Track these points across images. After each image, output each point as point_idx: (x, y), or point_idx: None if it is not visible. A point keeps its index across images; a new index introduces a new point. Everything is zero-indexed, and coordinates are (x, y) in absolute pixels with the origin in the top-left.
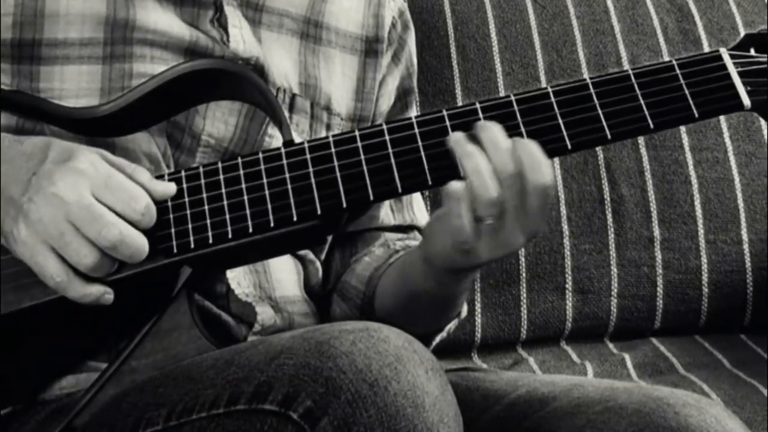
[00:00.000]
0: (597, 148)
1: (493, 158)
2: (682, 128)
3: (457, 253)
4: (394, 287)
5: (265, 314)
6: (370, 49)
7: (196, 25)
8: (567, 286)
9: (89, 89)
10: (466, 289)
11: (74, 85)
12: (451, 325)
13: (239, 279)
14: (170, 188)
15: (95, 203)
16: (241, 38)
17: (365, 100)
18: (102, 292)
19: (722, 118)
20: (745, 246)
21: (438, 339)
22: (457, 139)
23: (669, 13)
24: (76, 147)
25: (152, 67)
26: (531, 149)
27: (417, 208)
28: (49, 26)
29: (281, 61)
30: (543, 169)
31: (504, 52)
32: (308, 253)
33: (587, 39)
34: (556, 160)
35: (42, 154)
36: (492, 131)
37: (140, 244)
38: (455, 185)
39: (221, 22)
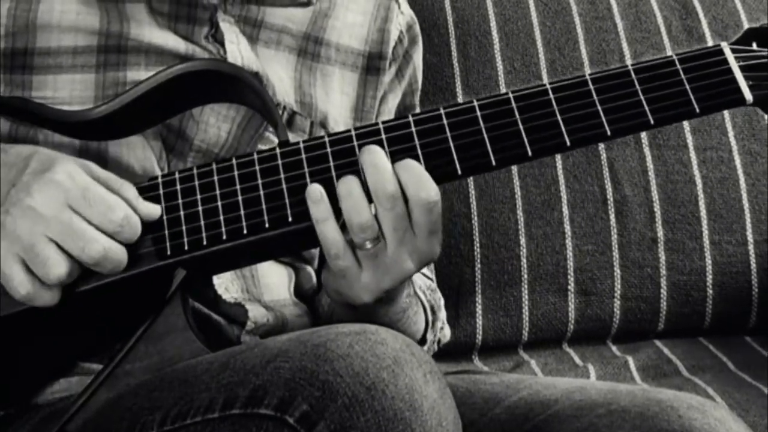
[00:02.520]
0: (600, 148)
1: (371, 179)
2: (686, 128)
3: (337, 274)
4: (336, 314)
5: (256, 311)
6: (371, 66)
7: (192, 40)
8: (569, 287)
9: (82, 97)
10: (399, 320)
11: (67, 94)
12: (441, 337)
13: (226, 285)
14: (154, 211)
15: (75, 218)
16: (239, 53)
17: (364, 119)
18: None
19: (727, 117)
20: (750, 247)
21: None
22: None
23: (673, 10)
24: (57, 157)
25: (147, 74)
26: (412, 166)
27: None
28: (42, 36)
29: (279, 78)
30: (426, 184)
31: (505, 49)
32: (295, 260)
33: (590, 36)
34: (558, 159)
35: (23, 165)
36: (372, 153)
37: (120, 257)
38: (314, 188)
39: (216, 38)
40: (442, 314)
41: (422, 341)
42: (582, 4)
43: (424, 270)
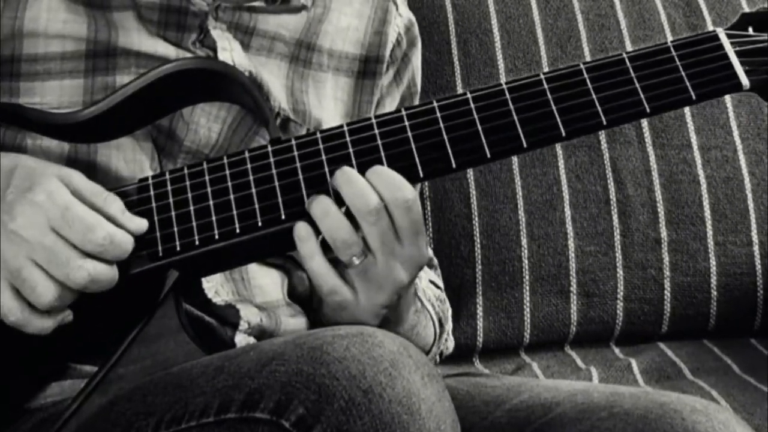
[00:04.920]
0: (602, 147)
1: (350, 198)
2: (690, 126)
3: (335, 308)
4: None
5: (248, 311)
6: (367, 70)
7: (182, 47)
8: (571, 289)
9: (71, 103)
10: (409, 339)
11: (55, 100)
12: (444, 349)
13: (216, 288)
14: (141, 225)
15: (58, 243)
16: (231, 60)
17: None
18: (60, 319)
19: (731, 115)
20: (755, 248)
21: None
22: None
23: (676, 7)
24: (40, 173)
25: None
26: (382, 171)
27: None
28: (29, 43)
29: (273, 85)
30: (400, 184)
31: (506, 47)
32: (286, 262)
33: (592, 34)
34: (560, 158)
35: (5, 181)
36: (345, 173)
37: (109, 277)
38: (301, 226)
39: (204, 44)
40: (449, 326)
41: (426, 354)
42: (584, 1)
43: (435, 279)
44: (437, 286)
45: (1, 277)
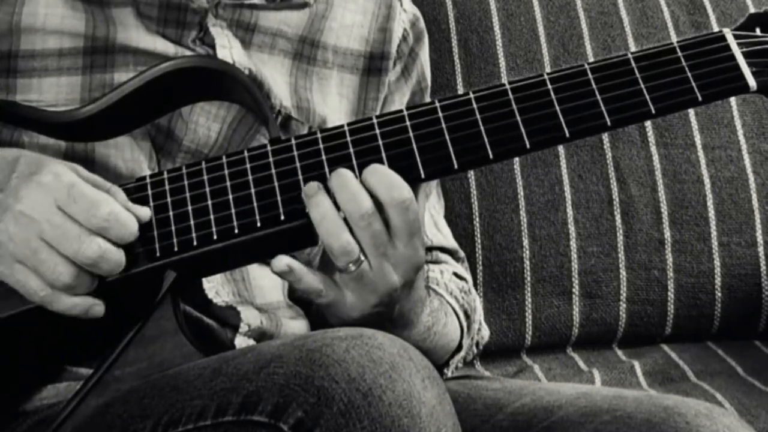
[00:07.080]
0: (605, 147)
1: (342, 201)
2: (694, 126)
3: (331, 314)
4: None
5: (249, 313)
6: (372, 67)
7: (181, 44)
8: (574, 290)
9: (68, 100)
10: (424, 340)
11: (53, 97)
12: (479, 339)
13: (217, 289)
14: (143, 213)
15: (67, 220)
16: (230, 57)
17: None
18: (90, 304)
19: (736, 115)
20: (760, 249)
21: (449, 373)
22: (308, 189)
23: (680, 5)
24: (44, 159)
25: None
26: (379, 170)
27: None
28: (26, 39)
29: (275, 82)
30: (397, 184)
31: (508, 45)
32: None
33: (594, 32)
34: (562, 158)
35: (9, 169)
36: (340, 176)
37: (117, 257)
38: (279, 262)
39: (204, 41)
40: (478, 315)
41: (458, 349)
42: None
43: (460, 271)
44: (461, 278)
45: (15, 258)
